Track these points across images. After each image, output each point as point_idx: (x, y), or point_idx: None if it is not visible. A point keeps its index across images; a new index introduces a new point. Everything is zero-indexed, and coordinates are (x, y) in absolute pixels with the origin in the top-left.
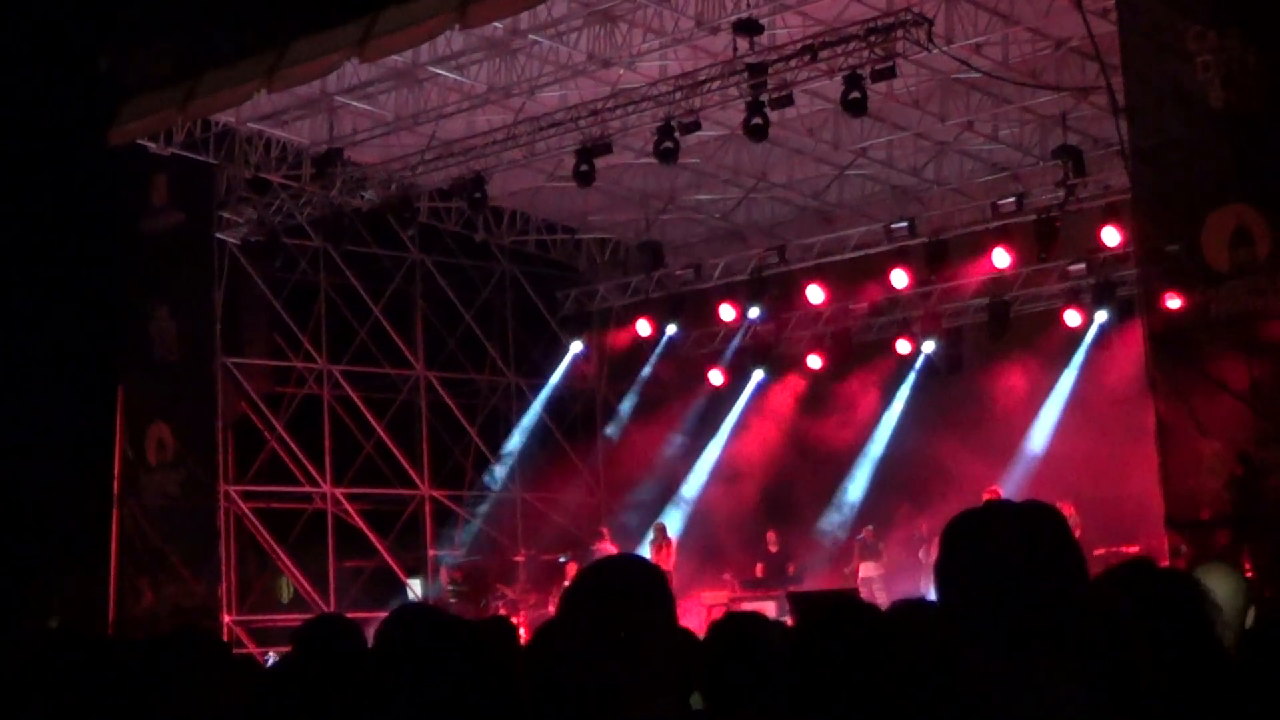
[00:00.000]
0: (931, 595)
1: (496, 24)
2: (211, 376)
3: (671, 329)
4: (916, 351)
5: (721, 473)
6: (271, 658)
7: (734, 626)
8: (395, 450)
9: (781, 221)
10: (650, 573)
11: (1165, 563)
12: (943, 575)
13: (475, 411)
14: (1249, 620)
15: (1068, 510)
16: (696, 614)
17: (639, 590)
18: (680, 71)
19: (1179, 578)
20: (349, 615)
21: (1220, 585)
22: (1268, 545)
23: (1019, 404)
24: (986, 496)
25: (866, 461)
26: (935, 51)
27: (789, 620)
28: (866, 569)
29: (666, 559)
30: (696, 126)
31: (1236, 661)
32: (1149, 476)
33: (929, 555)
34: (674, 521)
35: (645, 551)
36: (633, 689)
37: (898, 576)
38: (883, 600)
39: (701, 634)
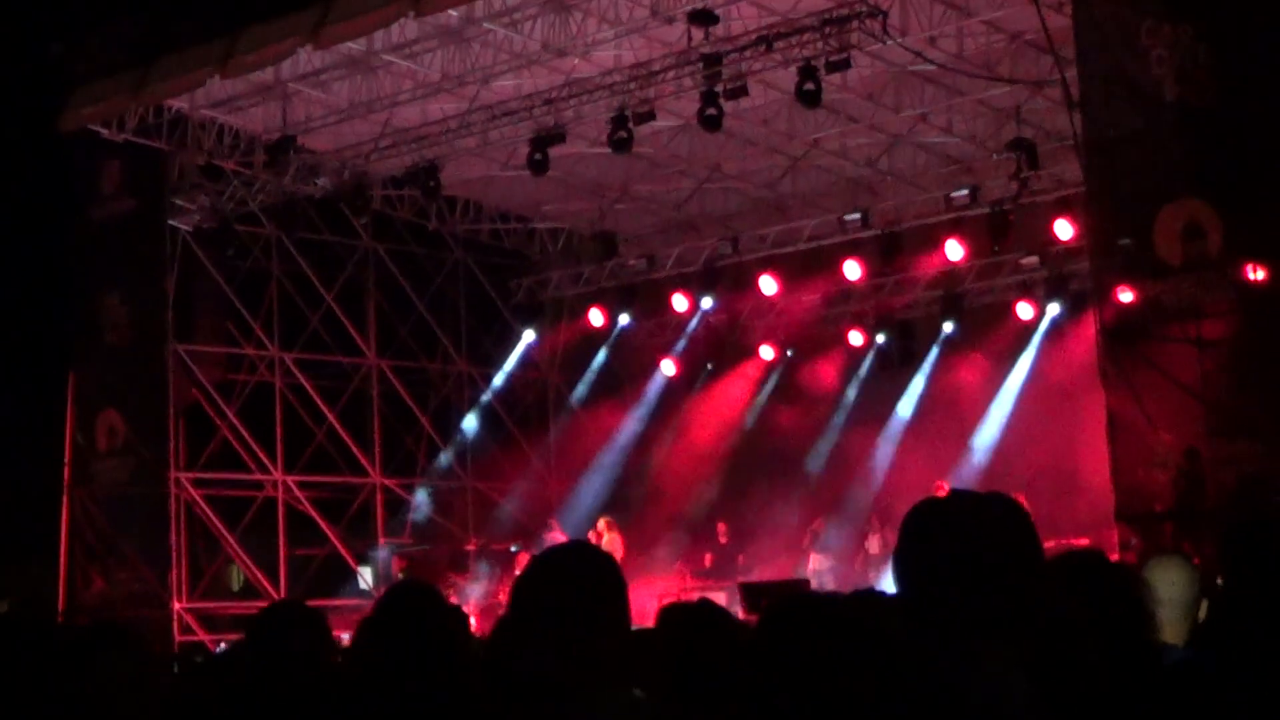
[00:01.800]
0: (880, 586)
1: (451, 12)
2: (163, 363)
3: (624, 319)
4: (869, 343)
5: (673, 463)
6: (223, 646)
7: (684, 616)
8: (347, 438)
9: (735, 212)
10: (601, 562)
11: (1115, 556)
12: (901, 563)
13: (427, 400)
14: (1202, 612)
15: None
16: (647, 604)
17: (589, 579)
18: (635, 61)
19: (1122, 571)
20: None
21: (1174, 577)
22: (1212, 539)
23: (971, 396)
24: (934, 493)
25: (818, 453)
26: (890, 43)
27: (739, 610)
28: (817, 560)
29: (614, 547)
30: (651, 116)
31: (1189, 653)
32: (1100, 469)
33: (877, 546)
34: (624, 512)
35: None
36: (583, 677)
37: (847, 567)
38: (830, 589)
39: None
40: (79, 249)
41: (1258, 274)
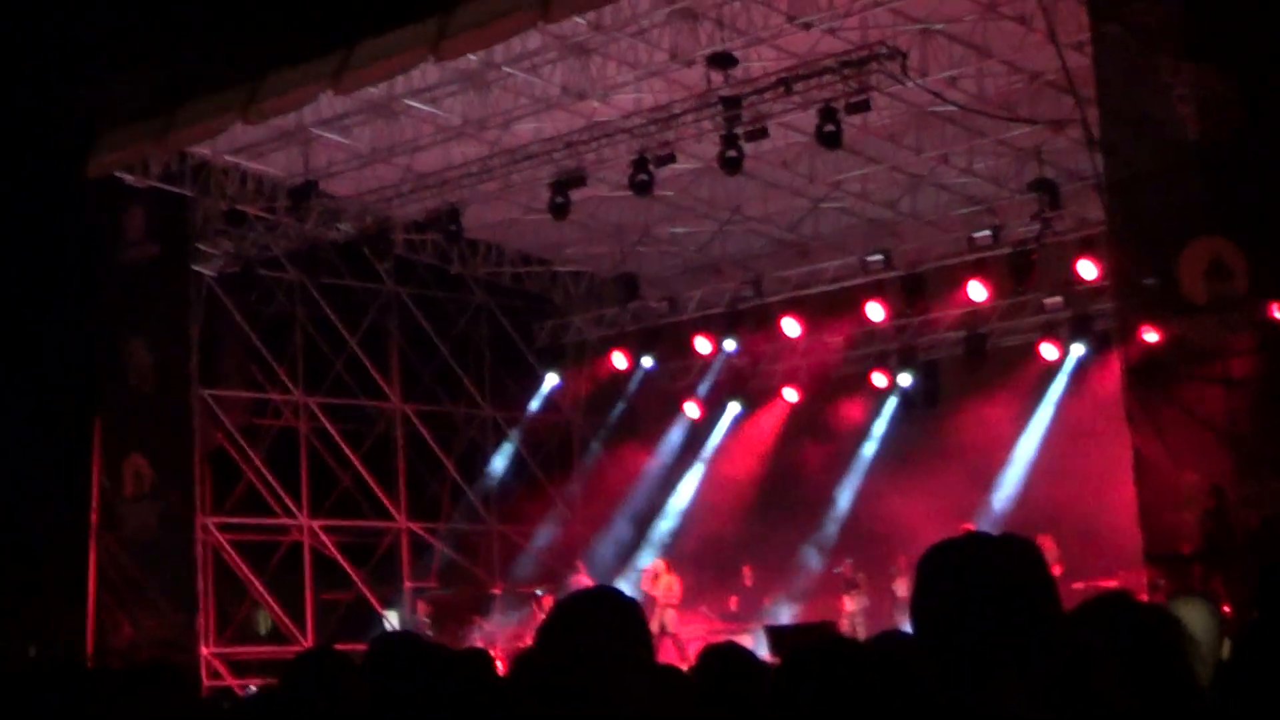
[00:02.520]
0: (908, 627)
1: (471, 56)
2: (188, 408)
3: (647, 361)
4: (892, 385)
5: (698, 506)
6: (252, 689)
7: (720, 659)
8: (372, 482)
9: (757, 254)
10: (625, 606)
11: (1144, 597)
12: (917, 605)
13: (451, 444)
14: (1224, 653)
15: (1047, 544)
16: (671, 647)
17: (614, 624)
18: (655, 104)
19: (1154, 611)
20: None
21: (1195, 618)
22: (1240, 578)
23: (995, 437)
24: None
25: (843, 494)
26: (910, 84)
27: (766, 654)
28: (845, 602)
29: (671, 590)
30: (671, 159)
31: (1211, 694)
32: (1128, 510)
33: (904, 589)
34: (649, 554)
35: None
36: None
37: (875, 609)
38: (862, 634)
39: (687, 666)
40: (104, 294)
41: None
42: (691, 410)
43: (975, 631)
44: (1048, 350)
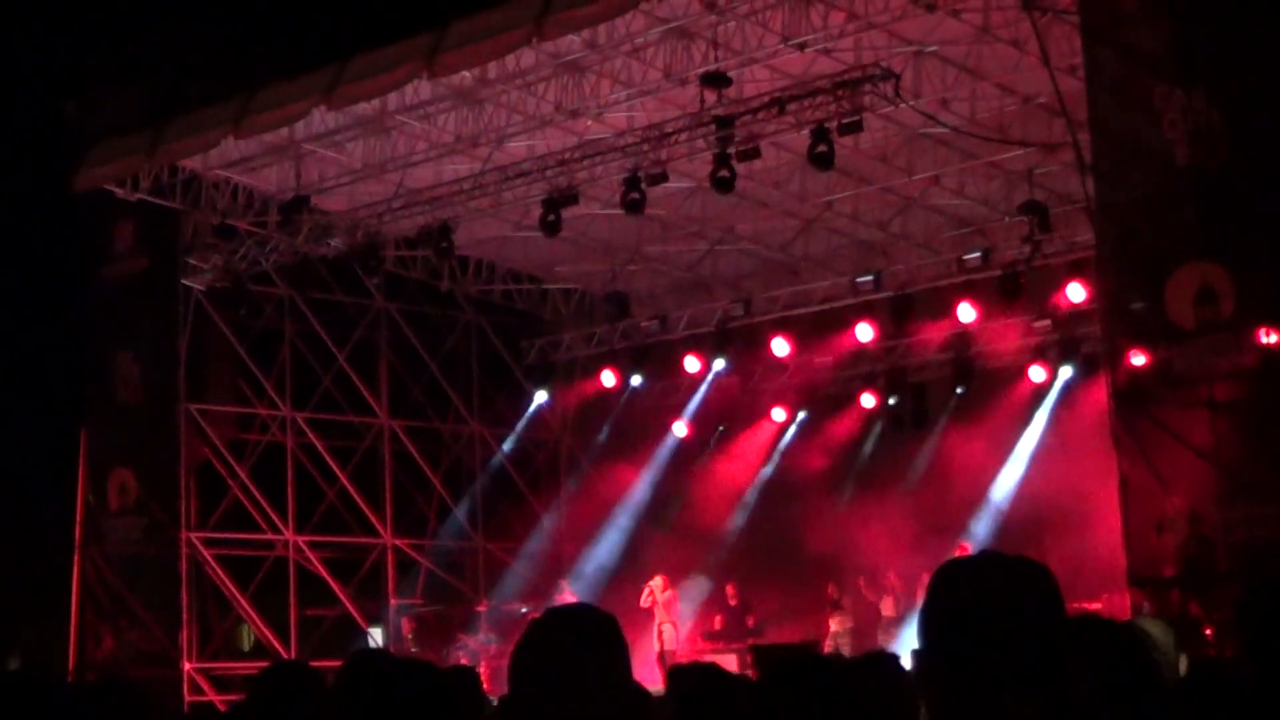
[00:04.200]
0: (893, 648)
1: (465, 73)
2: (175, 422)
3: (636, 380)
4: (881, 405)
5: (684, 524)
6: None
7: (694, 676)
8: (358, 498)
9: (747, 274)
10: (602, 622)
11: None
12: (926, 619)
13: (439, 460)
14: (1182, 669)
15: None
16: (654, 666)
17: (591, 640)
18: (648, 123)
19: (1128, 629)
20: (311, 664)
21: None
22: (1222, 602)
23: (983, 459)
24: (956, 554)
25: (830, 514)
26: (902, 106)
27: (752, 674)
28: (830, 623)
29: (668, 609)
30: (663, 178)
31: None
32: (1112, 533)
33: (891, 608)
34: (635, 573)
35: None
36: None
37: (861, 628)
38: (847, 653)
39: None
40: (92, 307)
41: (1270, 337)
42: (680, 429)
43: (984, 648)
44: (1036, 372)
